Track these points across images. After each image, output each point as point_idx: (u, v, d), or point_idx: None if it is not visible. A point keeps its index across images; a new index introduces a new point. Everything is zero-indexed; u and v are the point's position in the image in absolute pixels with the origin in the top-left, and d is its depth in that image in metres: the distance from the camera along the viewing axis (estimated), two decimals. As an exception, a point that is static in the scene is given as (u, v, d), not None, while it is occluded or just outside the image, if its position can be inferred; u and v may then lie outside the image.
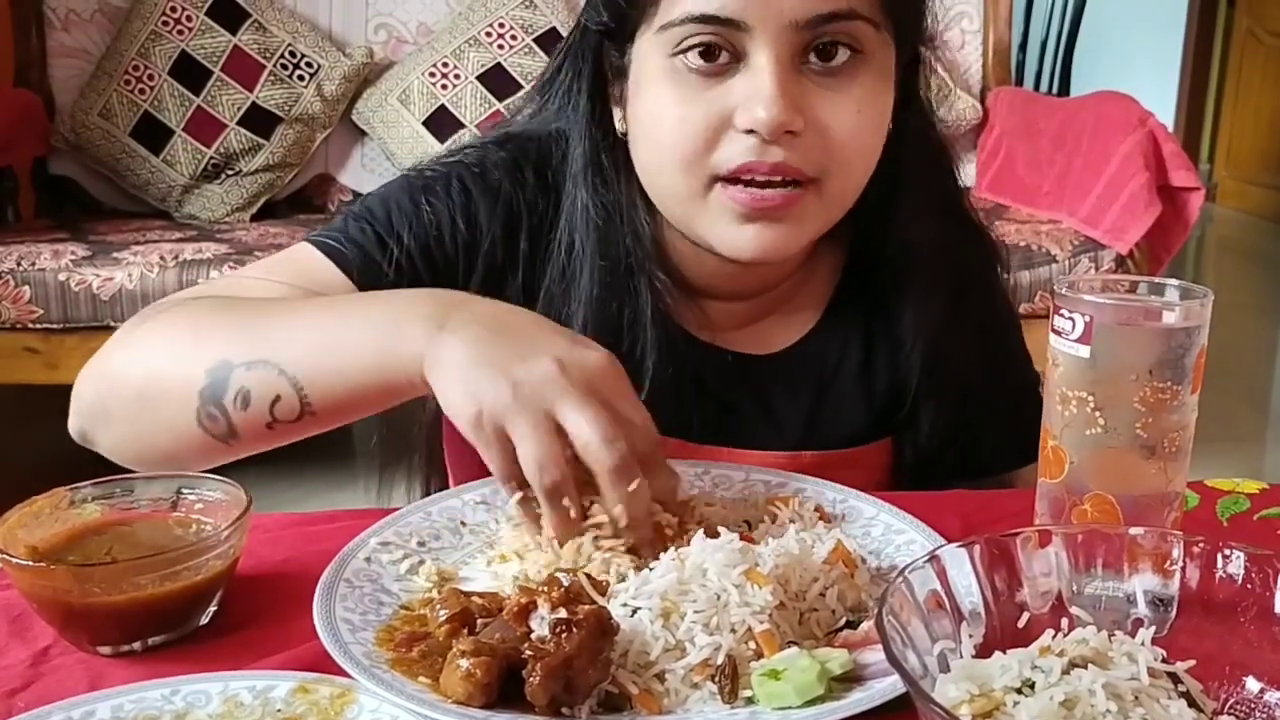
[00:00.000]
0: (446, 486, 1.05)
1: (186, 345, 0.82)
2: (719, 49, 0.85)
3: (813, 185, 0.87)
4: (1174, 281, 0.70)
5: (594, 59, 0.95)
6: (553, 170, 1.00)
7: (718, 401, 1.00)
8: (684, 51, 0.85)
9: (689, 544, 0.70)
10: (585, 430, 0.71)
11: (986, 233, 1.07)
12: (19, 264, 2.36)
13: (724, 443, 0.99)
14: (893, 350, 1.02)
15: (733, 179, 0.86)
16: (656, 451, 0.75)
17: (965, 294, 1.02)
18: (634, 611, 0.65)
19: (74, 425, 0.87)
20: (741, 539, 0.70)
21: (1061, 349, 0.69)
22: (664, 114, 0.88)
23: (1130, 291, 0.71)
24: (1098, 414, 0.67)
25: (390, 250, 0.95)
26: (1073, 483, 0.69)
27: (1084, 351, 0.67)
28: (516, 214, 0.98)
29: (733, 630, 0.64)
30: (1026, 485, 0.98)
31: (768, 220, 0.87)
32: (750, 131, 0.84)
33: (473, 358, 0.74)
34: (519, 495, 0.74)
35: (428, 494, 1.04)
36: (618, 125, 0.96)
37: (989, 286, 1.07)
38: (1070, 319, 0.67)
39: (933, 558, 0.60)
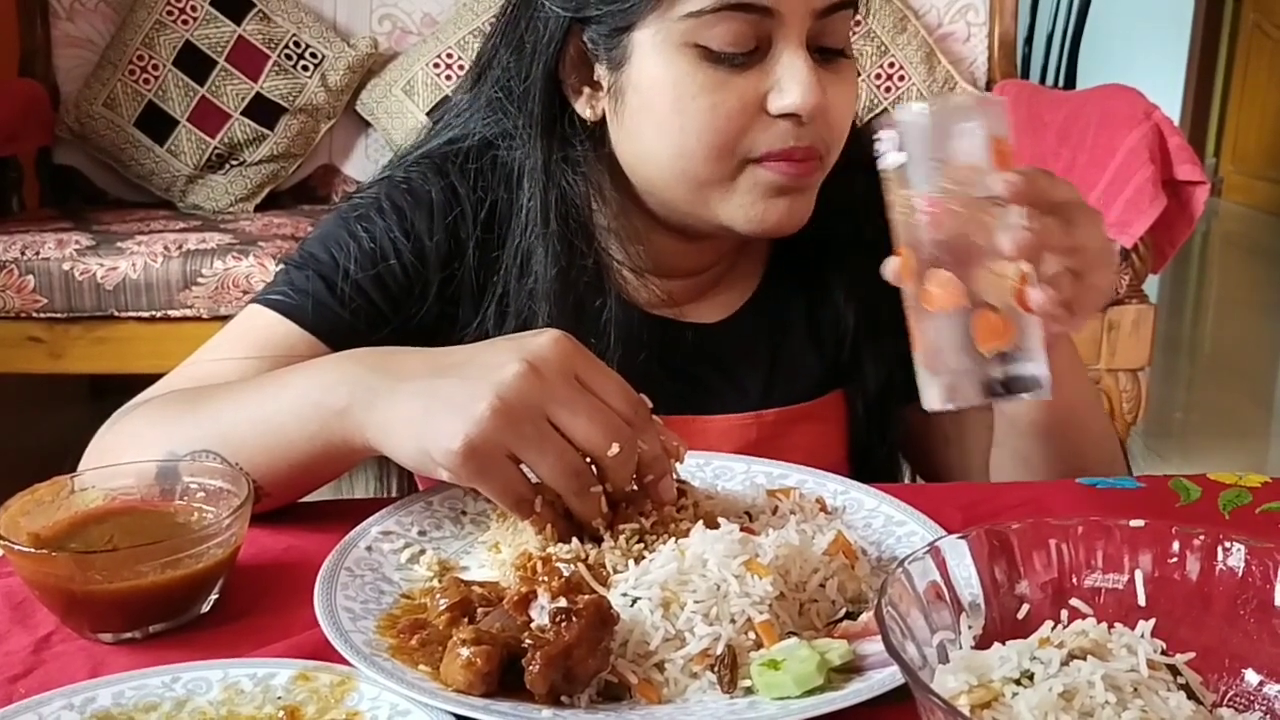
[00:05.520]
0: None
1: (143, 441, 0.83)
2: (749, 37, 0.87)
3: (820, 160, 0.93)
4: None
5: (558, 44, 0.94)
6: (483, 168, 1.00)
7: (681, 374, 1.02)
8: (709, 40, 0.87)
9: (689, 534, 0.70)
10: (584, 429, 0.71)
11: None
12: (23, 253, 2.36)
13: (690, 413, 1.00)
14: (832, 303, 1.06)
15: (761, 158, 0.90)
16: (640, 409, 0.75)
17: (889, 237, 1.07)
18: (634, 601, 0.65)
19: None
20: (742, 530, 0.70)
21: (885, 166, 0.73)
22: (689, 104, 0.89)
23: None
24: (923, 205, 0.71)
25: (340, 290, 0.95)
26: (922, 276, 0.73)
27: (900, 159, 0.72)
28: (455, 218, 0.99)
29: (732, 620, 0.64)
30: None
31: (794, 193, 0.92)
32: (785, 116, 0.88)
33: (425, 403, 0.73)
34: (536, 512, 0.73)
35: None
36: (584, 112, 0.96)
37: None
38: (885, 139, 0.73)
39: (932, 549, 0.60)
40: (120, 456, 0.80)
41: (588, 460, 0.72)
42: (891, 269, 0.77)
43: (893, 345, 1.05)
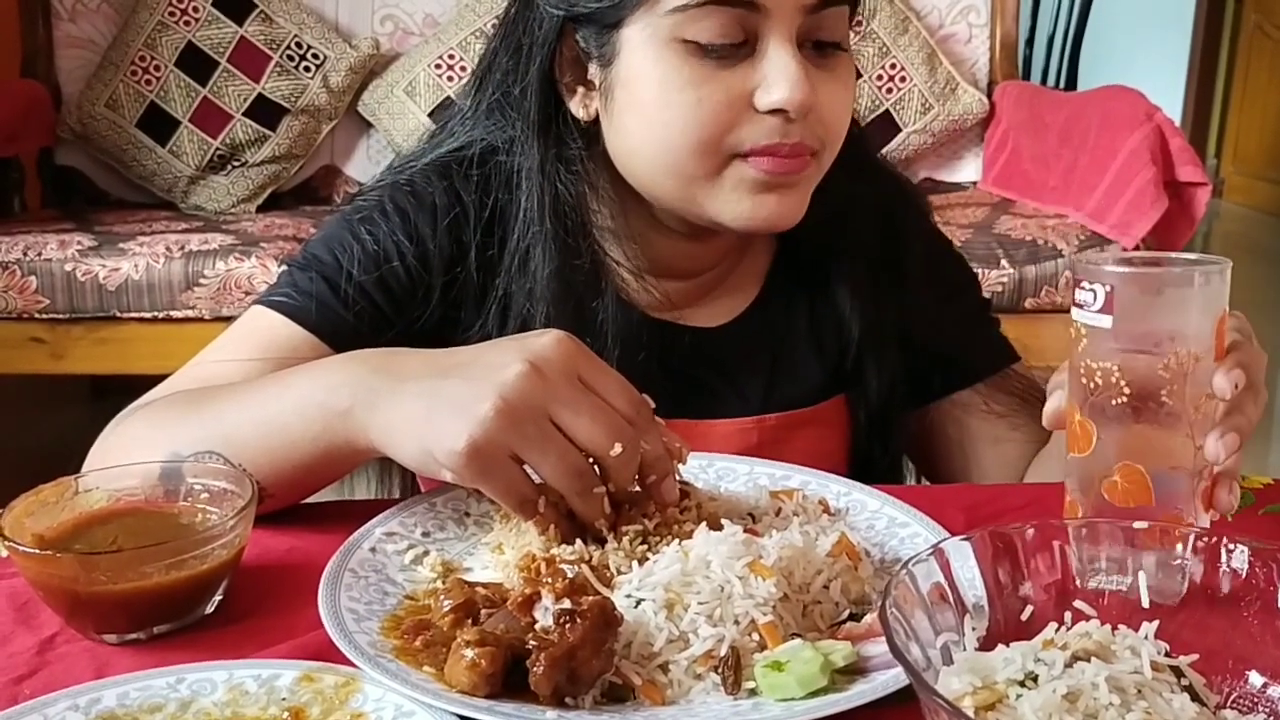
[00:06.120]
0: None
1: (146, 443, 0.83)
2: (737, 30, 0.87)
3: (814, 156, 0.91)
4: (1190, 255, 0.70)
5: (552, 44, 0.94)
6: (486, 173, 1.00)
7: (681, 378, 1.02)
8: (696, 34, 0.86)
9: (692, 535, 0.70)
10: (587, 429, 0.71)
11: (900, 177, 1.14)
12: (25, 254, 2.36)
13: (691, 417, 1.00)
14: (835, 309, 1.06)
15: (748, 153, 0.89)
16: (643, 409, 0.75)
17: (894, 242, 1.07)
18: (638, 603, 0.65)
19: None
20: (745, 532, 0.71)
21: (1084, 321, 0.68)
22: (675, 97, 0.88)
23: (1148, 263, 0.71)
24: (1123, 384, 0.67)
25: (344, 291, 0.95)
26: (1101, 456, 0.69)
27: (1106, 322, 0.67)
28: (457, 220, 0.99)
29: (736, 622, 0.64)
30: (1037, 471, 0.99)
31: (783, 189, 0.91)
32: (774, 112, 0.87)
33: (428, 403, 0.73)
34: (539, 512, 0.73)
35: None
36: (578, 111, 0.96)
37: (915, 227, 1.11)
38: (1091, 290, 0.67)
39: (936, 550, 0.60)
40: (124, 458, 0.80)
41: (590, 461, 0.72)
42: (1052, 419, 0.73)
43: (896, 353, 1.05)
